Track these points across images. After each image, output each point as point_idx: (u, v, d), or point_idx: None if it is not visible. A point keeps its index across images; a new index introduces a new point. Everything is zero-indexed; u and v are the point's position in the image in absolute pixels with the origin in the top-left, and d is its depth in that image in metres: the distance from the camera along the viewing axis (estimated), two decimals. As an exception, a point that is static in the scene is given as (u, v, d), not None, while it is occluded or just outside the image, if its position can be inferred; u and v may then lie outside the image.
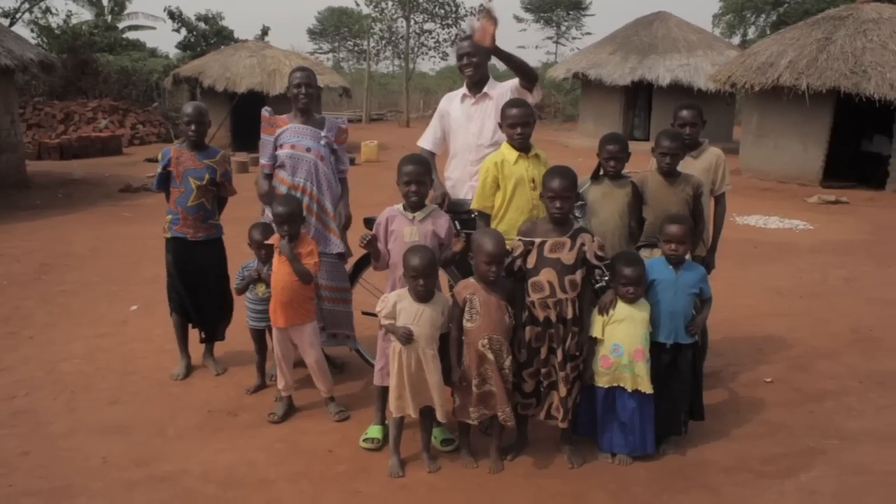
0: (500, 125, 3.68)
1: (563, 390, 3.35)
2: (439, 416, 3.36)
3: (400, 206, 3.52)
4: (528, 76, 3.89)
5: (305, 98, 4.05)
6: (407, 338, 3.23)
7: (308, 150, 4.05)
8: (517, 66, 3.88)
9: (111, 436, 3.63)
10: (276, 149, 4.08)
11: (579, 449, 3.52)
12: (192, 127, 4.18)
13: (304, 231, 3.82)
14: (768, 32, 32.19)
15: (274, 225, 3.71)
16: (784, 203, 11.20)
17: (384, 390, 3.49)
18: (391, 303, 3.31)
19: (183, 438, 3.64)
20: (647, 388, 3.34)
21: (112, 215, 9.54)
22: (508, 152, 3.64)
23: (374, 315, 4.16)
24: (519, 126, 3.56)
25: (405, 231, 3.43)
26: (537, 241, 3.34)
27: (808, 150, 12.66)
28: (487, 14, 3.73)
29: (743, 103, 15.33)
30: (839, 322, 5.60)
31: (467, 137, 4.14)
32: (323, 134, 4.10)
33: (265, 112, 4.16)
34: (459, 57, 4.05)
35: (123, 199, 10.80)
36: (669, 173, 3.79)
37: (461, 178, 4.15)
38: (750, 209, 10.34)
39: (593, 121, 19.35)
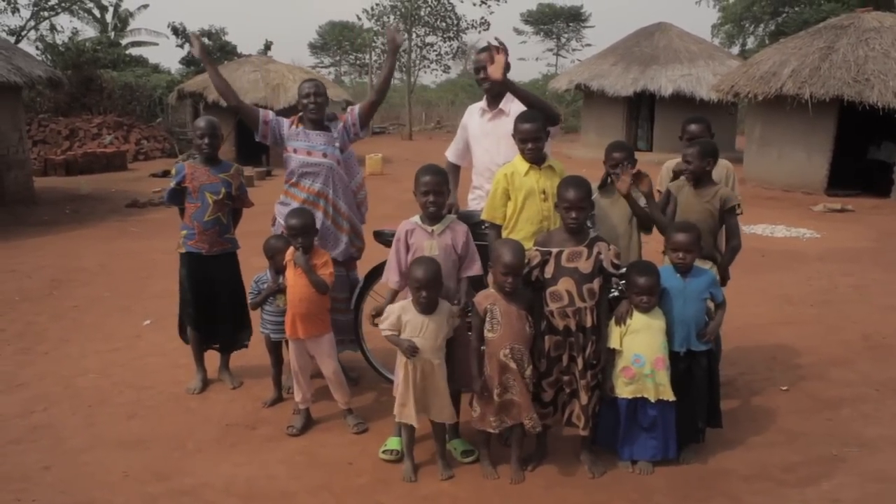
0: (513, 137, 3.69)
1: (584, 398, 3.36)
2: (448, 420, 3.39)
3: (417, 219, 3.53)
4: (548, 118, 3.77)
5: (315, 107, 4.09)
6: (412, 351, 3.25)
7: (325, 155, 4.12)
8: (534, 108, 3.77)
9: (131, 450, 3.64)
10: (282, 135, 4.19)
11: (599, 458, 3.52)
12: (206, 140, 4.21)
13: (317, 243, 3.85)
14: (767, 42, 32.40)
15: (289, 237, 3.73)
16: (789, 212, 11.22)
17: (403, 401, 3.50)
18: (395, 315, 3.32)
19: (202, 452, 3.64)
20: (669, 395, 3.35)
21: (120, 230, 9.57)
22: (520, 164, 3.65)
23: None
24: (530, 141, 3.57)
25: (425, 245, 3.44)
26: (554, 250, 3.35)
27: (812, 158, 12.69)
28: (500, 47, 3.77)
29: (745, 113, 15.39)
30: (851, 330, 5.60)
31: (482, 154, 4.16)
32: (335, 135, 4.17)
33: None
34: (477, 70, 4.07)
35: (130, 214, 10.83)
36: (696, 182, 3.79)
37: (480, 195, 4.17)
38: (756, 218, 10.35)
39: (596, 132, 19.41)
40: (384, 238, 4.17)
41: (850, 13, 13.50)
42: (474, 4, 25.82)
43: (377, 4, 26.17)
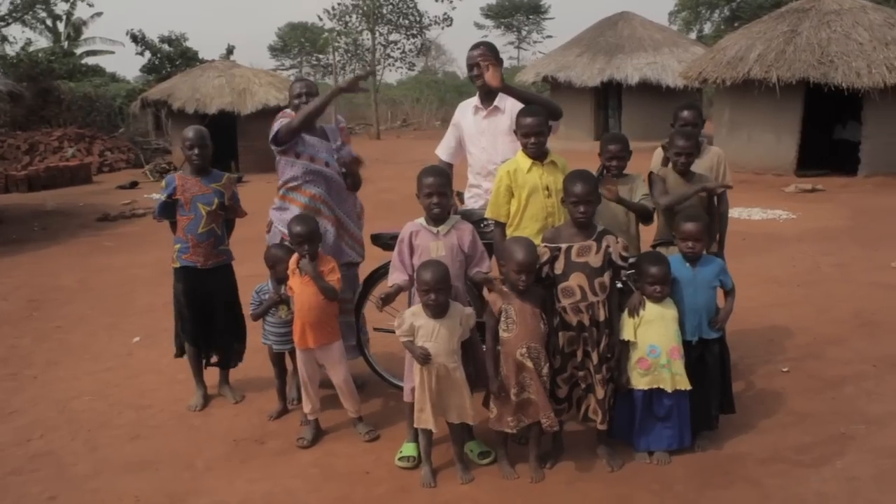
0: (515, 132, 3.67)
1: (599, 392, 3.35)
2: (469, 420, 3.35)
3: (422, 220, 3.48)
4: (551, 114, 3.76)
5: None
6: (424, 358, 3.21)
7: (327, 164, 4.05)
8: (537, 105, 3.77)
9: (138, 473, 3.53)
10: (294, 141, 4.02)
11: (615, 451, 3.51)
12: (196, 151, 4.09)
13: (321, 249, 3.78)
14: (723, 28, 32.96)
15: (294, 245, 3.65)
16: (763, 194, 11.40)
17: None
18: (408, 322, 3.27)
19: (213, 470, 3.54)
20: (685, 385, 3.36)
21: (94, 245, 9.32)
22: (522, 160, 3.63)
23: (387, 331, 4.15)
24: (533, 136, 3.55)
25: (431, 247, 3.39)
26: (564, 246, 3.33)
27: (782, 140, 12.92)
28: (493, 58, 3.79)
29: (713, 98, 15.61)
30: (840, 308, 5.70)
31: (479, 153, 4.13)
32: (334, 147, 4.12)
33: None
34: (470, 67, 4.02)
35: (102, 228, 10.56)
36: (685, 172, 3.83)
37: (478, 192, 4.14)
38: (731, 202, 10.43)
39: (564, 123, 18.88)
40: (382, 241, 4.12)
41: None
42: (436, 0, 25.79)
43: (339, 4, 25.95)
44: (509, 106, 3.95)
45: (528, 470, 3.39)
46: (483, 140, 4.12)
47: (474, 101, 4.20)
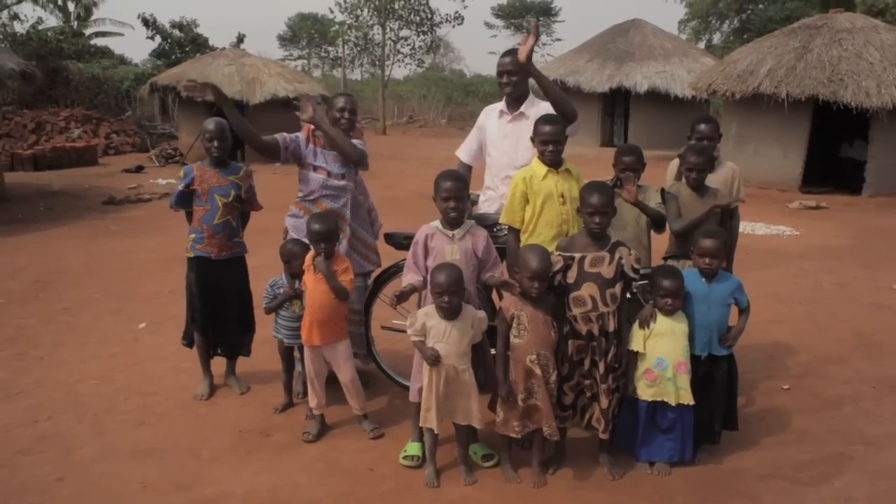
0: (533, 140, 3.71)
1: (604, 401, 3.39)
2: (476, 423, 3.38)
3: (437, 223, 3.52)
4: (564, 115, 3.82)
5: (348, 123, 4.10)
6: (434, 360, 3.25)
7: (342, 177, 4.10)
8: (553, 101, 3.87)
9: (145, 459, 3.57)
10: (302, 155, 4.10)
11: (617, 460, 3.56)
12: (215, 143, 4.13)
13: (338, 249, 3.82)
14: (732, 38, 33.01)
15: (311, 242, 3.69)
16: (767, 209, 11.44)
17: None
18: (420, 321, 3.31)
19: (219, 460, 3.58)
20: (689, 400, 3.40)
21: (100, 229, 9.35)
22: (538, 167, 3.68)
23: (394, 330, 4.19)
24: (551, 144, 3.60)
25: (446, 249, 3.43)
26: (577, 255, 3.37)
27: (788, 155, 12.95)
28: (534, 28, 3.79)
29: (721, 110, 15.66)
30: (841, 327, 5.74)
31: (500, 156, 4.17)
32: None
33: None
34: (499, 74, 4.08)
35: (108, 211, 10.59)
36: (698, 187, 3.87)
37: (493, 196, 4.18)
38: (736, 215, 10.52)
39: (571, 128, 19.49)
40: (396, 240, 4.16)
41: (822, 14, 13.78)
42: (449, -1, 25.84)
43: (350, -3, 25.95)
44: (534, 114, 3.99)
45: (531, 475, 3.43)
46: (505, 143, 4.17)
47: (500, 105, 4.25)
